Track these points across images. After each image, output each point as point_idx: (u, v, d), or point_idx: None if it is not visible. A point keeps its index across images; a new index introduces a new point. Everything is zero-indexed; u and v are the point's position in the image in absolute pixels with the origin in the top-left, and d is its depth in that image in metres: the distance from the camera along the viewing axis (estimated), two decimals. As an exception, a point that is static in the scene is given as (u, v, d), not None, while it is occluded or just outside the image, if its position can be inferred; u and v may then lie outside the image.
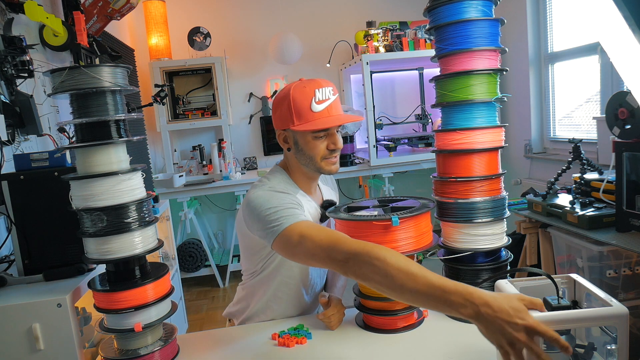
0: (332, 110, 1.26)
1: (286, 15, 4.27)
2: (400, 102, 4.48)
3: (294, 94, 1.25)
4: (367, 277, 0.97)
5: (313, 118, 1.24)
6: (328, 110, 1.25)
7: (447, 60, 1.23)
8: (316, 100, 1.24)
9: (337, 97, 1.29)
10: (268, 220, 1.16)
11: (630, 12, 0.76)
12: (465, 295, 0.84)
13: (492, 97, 1.21)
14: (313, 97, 1.24)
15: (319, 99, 1.24)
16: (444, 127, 1.27)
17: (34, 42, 1.99)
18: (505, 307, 0.81)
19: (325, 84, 1.27)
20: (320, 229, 1.11)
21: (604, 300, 0.86)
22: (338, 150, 1.30)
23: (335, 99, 1.28)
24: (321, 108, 1.24)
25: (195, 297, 3.74)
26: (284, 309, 1.40)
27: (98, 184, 1.03)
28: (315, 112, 1.24)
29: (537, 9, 3.52)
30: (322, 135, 1.27)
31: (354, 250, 0.99)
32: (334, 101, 1.27)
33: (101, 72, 1.02)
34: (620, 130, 1.79)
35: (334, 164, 1.31)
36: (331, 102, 1.26)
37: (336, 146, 1.29)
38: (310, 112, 1.24)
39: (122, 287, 1.07)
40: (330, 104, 1.26)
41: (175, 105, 4.03)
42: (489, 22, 1.19)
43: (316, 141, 1.27)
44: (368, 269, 0.95)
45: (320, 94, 1.24)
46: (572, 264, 2.07)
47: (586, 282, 0.96)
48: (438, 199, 1.29)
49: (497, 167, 1.25)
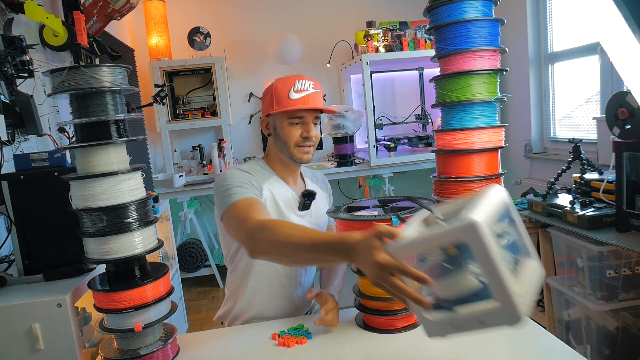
0: (309, 101, 1.35)
1: (286, 15, 4.27)
2: (400, 102, 4.47)
3: (276, 83, 1.38)
4: (264, 251, 1.04)
5: (289, 104, 1.34)
6: (304, 99, 1.34)
7: (447, 60, 1.23)
8: (295, 89, 1.34)
9: (317, 91, 1.37)
10: (220, 197, 1.27)
11: (630, 12, 0.76)
12: (343, 239, 0.85)
13: (492, 97, 1.21)
14: (292, 86, 1.34)
15: (298, 88, 1.34)
16: (444, 127, 1.27)
17: (34, 42, 1.99)
18: (362, 246, 0.80)
19: (307, 78, 1.36)
20: (250, 208, 1.16)
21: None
22: (311, 139, 1.38)
23: (315, 92, 1.37)
24: (298, 96, 1.34)
25: (195, 297, 3.74)
26: (268, 302, 1.41)
27: (98, 184, 1.03)
28: (292, 99, 1.34)
29: (537, 9, 3.52)
30: (297, 122, 1.36)
31: (252, 226, 1.07)
32: (313, 93, 1.36)
33: (101, 72, 1.02)
34: (620, 130, 1.79)
35: (306, 153, 1.39)
36: (309, 93, 1.35)
37: (308, 134, 1.37)
38: (288, 99, 1.34)
39: (122, 287, 1.07)
40: (308, 94, 1.35)
41: (175, 105, 4.03)
42: (489, 22, 1.19)
43: (291, 127, 1.37)
44: (264, 244, 1.03)
45: (300, 84, 1.35)
46: (572, 264, 2.07)
47: (463, 202, 0.86)
48: (438, 199, 1.29)
49: (497, 167, 1.25)
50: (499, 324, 0.72)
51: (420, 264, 0.80)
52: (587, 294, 1.97)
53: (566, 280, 2.13)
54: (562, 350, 1.07)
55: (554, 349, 1.08)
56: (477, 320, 0.73)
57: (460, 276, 0.75)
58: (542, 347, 1.09)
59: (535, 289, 0.77)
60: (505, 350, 1.10)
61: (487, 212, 0.74)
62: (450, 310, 0.76)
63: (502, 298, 0.69)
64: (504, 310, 0.70)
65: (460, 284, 0.75)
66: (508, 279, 0.69)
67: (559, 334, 2.22)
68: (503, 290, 0.69)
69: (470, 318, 0.74)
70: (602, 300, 1.91)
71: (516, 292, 0.69)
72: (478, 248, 0.69)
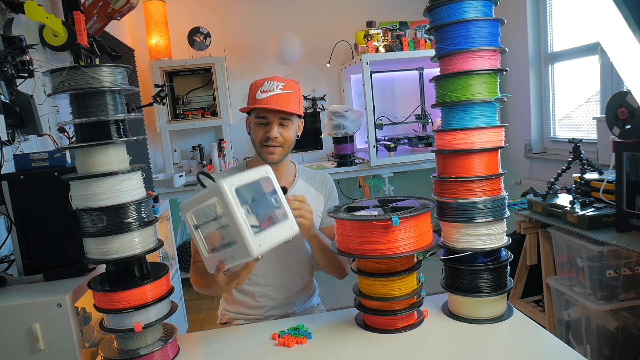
0: (271, 101, 1.39)
1: (286, 15, 4.27)
2: (400, 102, 4.48)
3: (252, 85, 1.46)
4: (195, 286, 1.42)
5: (254, 103, 1.41)
6: (267, 99, 1.39)
7: (447, 60, 1.22)
8: (262, 90, 1.41)
9: (285, 93, 1.41)
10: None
11: (630, 12, 0.76)
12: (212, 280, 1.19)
13: (492, 97, 1.21)
14: (261, 86, 1.41)
15: (264, 89, 1.41)
16: (444, 127, 1.27)
17: (34, 42, 1.99)
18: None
19: (278, 80, 1.42)
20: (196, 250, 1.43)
21: None
22: (273, 140, 1.43)
23: (282, 93, 1.40)
24: (263, 96, 1.40)
25: (195, 297, 3.73)
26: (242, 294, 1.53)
27: (98, 184, 1.03)
28: (258, 99, 1.41)
29: (537, 9, 3.52)
30: (263, 122, 1.43)
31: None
32: (278, 94, 1.40)
33: (101, 72, 1.02)
34: (620, 130, 1.79)
35: (270, 153, 1.45)
36: (274, 94, 1.40)
37: (268, 134, 1.42)
38: (255, 99, 1.41)
39: (122, 287, 1.07)
40: (273, 95, 1.40)
41: (175, 105, 4.03)
42: (489, 22, 1.19)
43: (257, 127, 1.45)
44: (194, 281, 1.41)
45: (268, 85, 1.41)
46: (572, 264, 2.07)
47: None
48: (438, 199, 1.29)
49: (497, 167, 1.25)
50: (242, 258, 1.00)
51: (214, 225, 1.08)
52: (587, 294, 1.97)
53: (566, 280, 2.13)
54: (562, 350, 1.07)
55: (554, 349, 1.08)
56: (231, 255, 1.03)
57: (226, 230, 1.02)
58: (542, 347, 1.09)
59: (278, 241, 1.05)
60: (505, 350, 1.10)
61: (239, 180, 1.01)
62: (218, 251, 1.07)
63: (239, 240, 0.97)
64: (241, 248, 0.98)
65: (227, 235, 1.04)
66: (243, 226, 0.96)
67: (559, 334, 2.22)
68: (239, 233, 0.97)
69: (227, 254, 1.04)
70: (602, 300, 1.91)
71: (249, 236, 0.97)
72: (222, 202, 0.97)
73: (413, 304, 1.22)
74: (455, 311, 1.27)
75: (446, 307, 1.31)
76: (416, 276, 1.24)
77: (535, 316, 2.36)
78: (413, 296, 1.20)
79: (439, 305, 1.33)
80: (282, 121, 1.43)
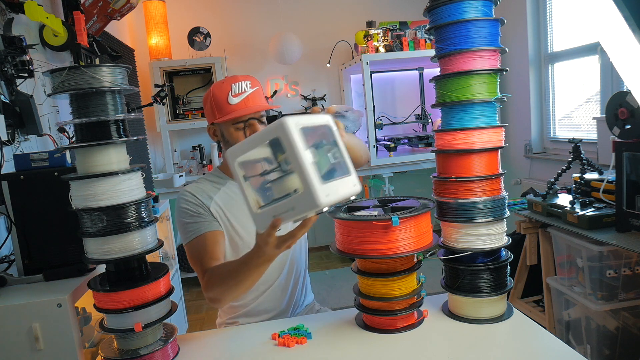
0: (249, 102, 1.36)
1: (286, 15, 4.27)
2: (400, 102, 4.48)
3: (213, 90, 1.38)
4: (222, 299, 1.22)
5: (230, 110, 1.34)
6: (245, 102, 1.35)
7: (447, 61, 1.22)
8: (232, 94, 1.35)
9: (255, 89, 1.37)
10: (179, 229, 1.42)
11: (630, 12, 0.76)
12: (256, 249, 1.05)
13: (492, 97, 1.21)
14: (229, 91, 1.35)
15: (235, 92, 1.35)
16: (444, 127, 1.27)
17: (34, 42, 1.99)
18: (261, 243, 1.00)
19: (242, 79, 1.37)
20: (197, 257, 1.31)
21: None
22: None
23: (253, 91, 1.37)
24: (237, 100, 1.35)
25: (195, 297, 3.73)
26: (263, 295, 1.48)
27: (98, 184, 1.03)
28: (232, 104, 1.34)
29: (537, 9, 3.52)
30: (242, 126, 1.37)
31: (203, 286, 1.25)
32: (251, 93, 1.36)
33: (101, 72, 1.02)
34: (620, 130, 1.79)
35: None
36: (247, 95, 1.36)
37: None
38: (228, 105, 1.35)
39: (122, 287, 1.07)
40: (247, 96, 1.36)
41: (175, 105, 4.03)
42: (489, 22, 1.19)
43: (237, 132, 1.37)
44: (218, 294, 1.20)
45: (237, 87, 1.35)
46: (572, 264, 2.07)
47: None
48: (438, 199, 1.29)
49: (497, 167, 1.24)
50: (305, 209, 0.85)
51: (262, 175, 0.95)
52: (587, 294, 1.97)
53: (566, 280, 2.13)
54: (562, 350, 1.07)
55: (554, 349, 1.08)
56: (291, 207, 0.87)
57: (282, 181, 0.89)
58: (542, 347, 1.09)
59: (343, 196, 0.90)
60: (505, 350, 1.10)
61: (303, 121, 0.87)
62: (274, 203, 0.91)
63: (305, 186, 0.82)
64: (306, 196, 0.83)
65: (287, 184, 0.88)
66: (310, 169, 0.82)
67: (559, 334, 2.22)
68: (305, 177, 0.82)
69: (283, 208, 0.88)
70: (602, 300, 1.91)
71: (316, 182, 0.82)
72: (286, 141, 0.83)
73: (413, 304, 1.22)
74: (455, 311, 1.27)
75: (446, 307, 1.31)
76: (416, 276, 1.24)
77: (535, 316, 2.36)
78: (413, 296, 1.20)
79: (439, 305, 1.33)
80: (261, 118, 1.41)
